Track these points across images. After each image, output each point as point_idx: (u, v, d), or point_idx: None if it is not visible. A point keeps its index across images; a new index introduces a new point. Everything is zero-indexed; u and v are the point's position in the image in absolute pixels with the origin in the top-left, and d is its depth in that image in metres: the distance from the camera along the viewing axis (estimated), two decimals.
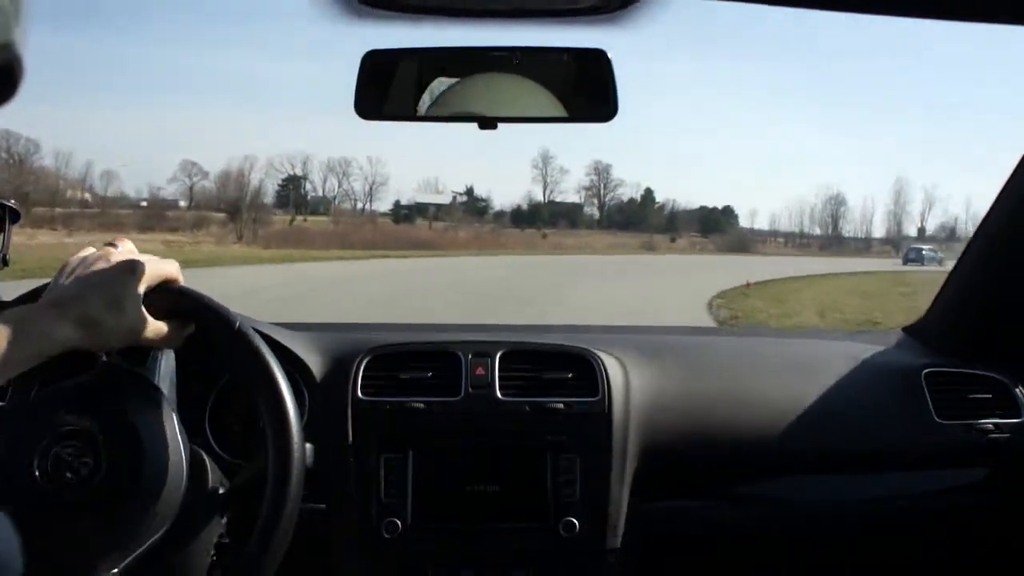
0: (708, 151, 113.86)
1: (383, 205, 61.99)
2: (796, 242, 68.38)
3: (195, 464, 0.90)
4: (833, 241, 67.61)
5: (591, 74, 0.99)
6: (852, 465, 1.32)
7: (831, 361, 1.40)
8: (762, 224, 75.27)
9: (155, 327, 0.84)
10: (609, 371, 1.27)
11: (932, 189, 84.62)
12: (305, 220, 51.14)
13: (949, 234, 73.14)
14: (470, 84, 1.02)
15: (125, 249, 0.86)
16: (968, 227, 76.72)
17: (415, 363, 1.28)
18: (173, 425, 0.88)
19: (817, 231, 71.52)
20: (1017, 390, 1.35)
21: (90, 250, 0.87)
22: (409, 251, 34.88)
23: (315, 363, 1.25)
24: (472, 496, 1.22)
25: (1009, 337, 1.41)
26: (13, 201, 1.27)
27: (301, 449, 0.90)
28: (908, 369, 1.35)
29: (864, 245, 65.88)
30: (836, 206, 72.01)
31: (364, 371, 1.25)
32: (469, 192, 64.34)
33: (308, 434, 0.94)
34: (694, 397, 1.30)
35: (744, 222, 72.54)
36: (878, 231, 73.18)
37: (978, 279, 1.44)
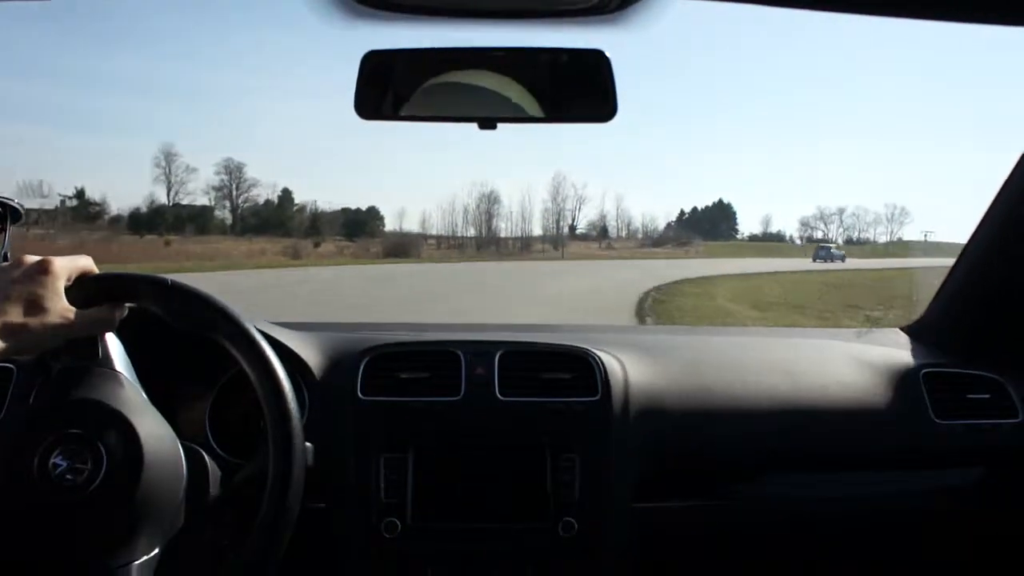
0: (347, 149, 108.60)
1: None
2: (449, 243, 63.01)
3: (192, 459, 0.90)
4: (490, 241, 62.95)
5: (590, 74, 0.99)
6: (851, 465, 1.32)
7: (830, 361, 1.40)
8: (412, 225, 69.06)
9: (84, 317, 0.86)
10: (608, 371, 1.27)
11: (582, 188, 78.51)
12: None
13: (601, 232, 72.83)
14: (470, 85, 1.02)
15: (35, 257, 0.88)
16: (617, 224, 76.15)
17: (415, 363, 1.28)
18: (150, 408, 0.90)
19: (472, 232, 66.07)
20: (1014, 391, 1.35)
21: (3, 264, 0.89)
22: None
23: (315, 362, 1.25)
24: (472, 496, 1.22)
25: (1007, 337, 1.41)
26: (15, 200, 1.27)
27: (302, 449, 0.91)
28: (906, 369, 1.35)
29: (524, 244, 62.25)
30: (491, 204, 66.77)
31: (364, 370, 1.26)
32: (79, 195, 55.33)
33: (308, 433, 0.94)
34: (693, 396, 1.30)
35: (392, 224, 66.68)
36: (537, 229, 68.65)
37: (976, 279, 1.44)
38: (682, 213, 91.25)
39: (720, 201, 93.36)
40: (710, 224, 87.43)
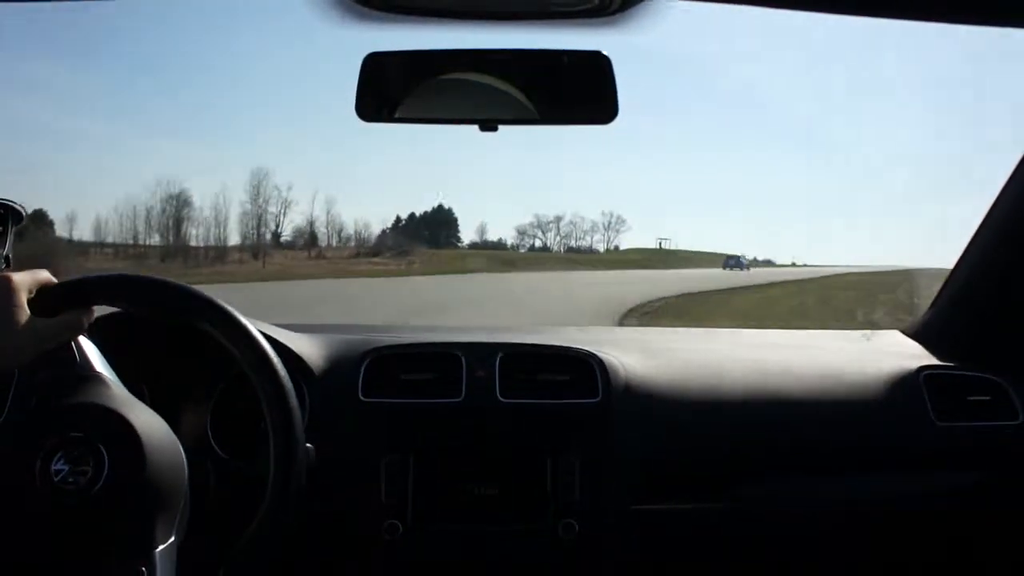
0: None
1: None
2: (129, 252, 55.38)
3: (191, 456, 0.91)
4: (178, 251, 54.95)
5: (591, 76, 0.99)
6: (852, 466, 1.32)
7: (831, 362, 1.40)
8: (85, 234, 60.64)
9: (52, 326, 0.86)
10: (609, 372, 1.27)
11: (287, 191, 69.95)
12: None
13: (309, 239, 66.37)
14: (470, 86, 1.02)
15: None
16: (327, 231, 69.38)
17: (416, 364, 1.28)
18: (139, 402, 0.90)
19: (157, 239, 58.04)
20: (1015, 393, 1.35)
21: None
22: None
23: (316, 363, 1.25)
24: (472, 498, 1.22)
25: (1008, 339, 1.41)
26: (17, 202, 1.27)
27: (302, 450, 0.91)
28: (907, 371, 1.35)
29: (217, 254, 54.09)
30: (180, 207, 58.74)
31: (365, 372, 1.26)
32: None
33: (309, 434, 0.94)
34: (694, 398, 1.30)
35: (61, 230, 56.30)
36: (235, 236, 60.88)
37: (977, 280, 1.44)
38: (398, 219, 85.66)
39: (440, 207, 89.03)
40: (430, 231, 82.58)
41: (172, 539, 0.85)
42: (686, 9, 0.74)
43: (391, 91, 1.04)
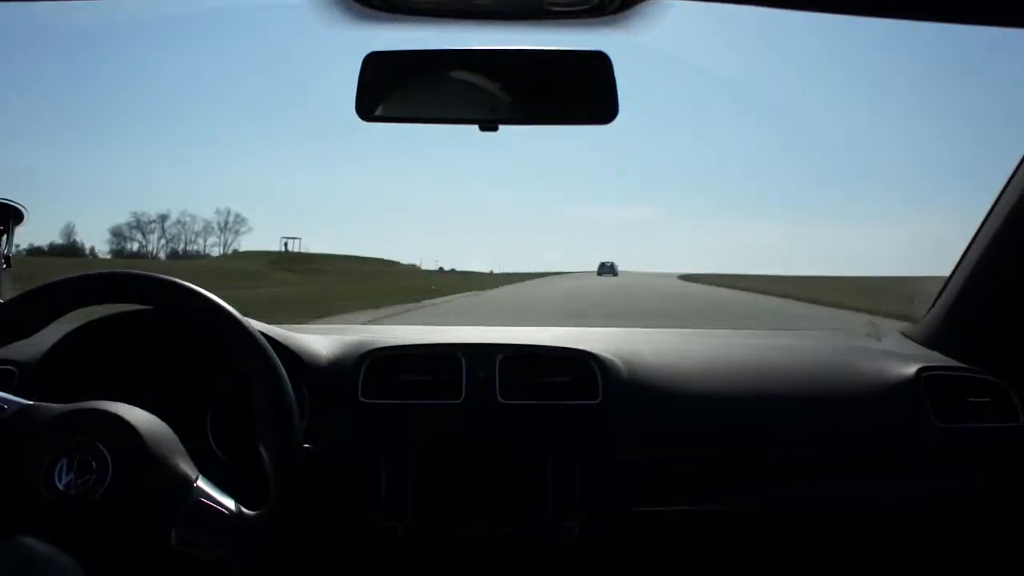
0: None
1: None
2: None
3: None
4: None
5: (592, 76, 0.99)
6: (851, 467, 1.32)
7: (831, 363, 1.40)
8: None
9: None
10: (609, 374, 1.27)
11: None
12: None
13: None
14: (471, 86, 1.02)
15: None
16: None
17: (416, 366, 1.28)
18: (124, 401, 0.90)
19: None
20: (1015, 394, 1.34)
21: None
22: None
23: (316, 365, 1.25)
24: (472, 499, 1.22)
25: (1009, 340, 1.41)
26: (17, 202, 1.27)
27: (300, 451, 0.91)
28: (907, 372, 1.35)
29: None
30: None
31: (365, 373, 1.25)
32: None
33: (309, 436, 0.94)
34: (694, 399, 1.30)
35: None
36: None
37: (978, 281, 1.44)
38: None
39: None
40: None
41: (198, 477, 0.86)
42: (686, 9, 0.74)
43: (391, 91, 1.04)
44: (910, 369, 1.35)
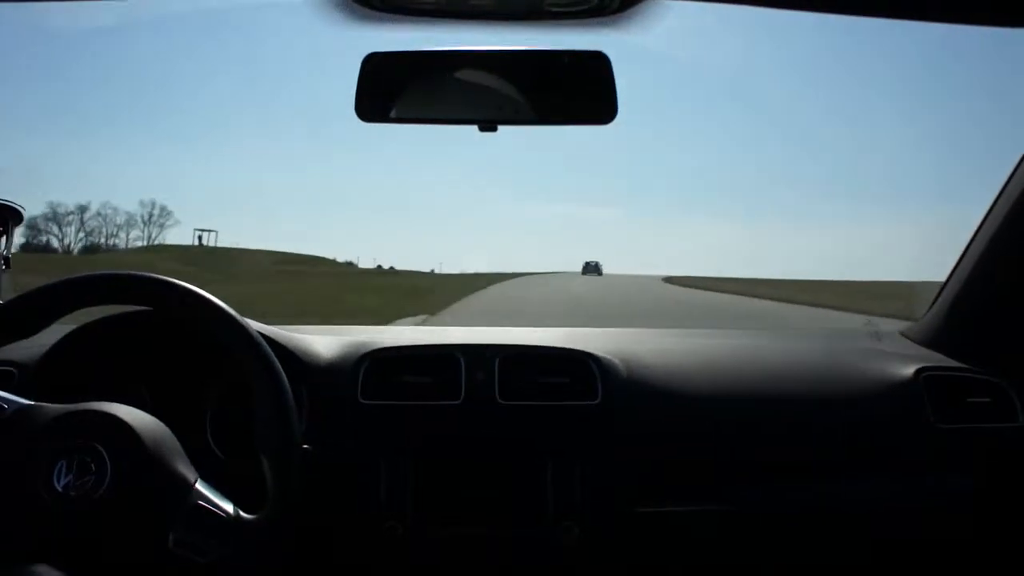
0: None
1: None
2: None
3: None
4: None
5: (591, 76, 0.99)
6: (851, 468, 1.31)
7: (831, 363, 1.40)
8: None
9: None
10: (609, 374, 1.27)
11: None
12: None
13: None
14: (470, 86, 1.02)
15: None
16: None
17: (415, 366, 1.28)
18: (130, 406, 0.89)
19: None
20: (1015, 394, 1.34)
21: None
22: None
23: (316, 365, 1.25)
24: (472, 500, 1.22)
25: (1009, 341, 1.41)
26: (16, 203, 1.27)
27: (299, 452, 0.91)
28: (906, 372, 1.35)
29: None
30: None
31: (365, 374, 1.25)
32: None
33: (308, 437, 0.94)
34: (694, 399, 1.30)
35: None
36: None
37: (978, 281, 1.44)
38: None
39: None
40: None
41: (196, 478, 0.86)
42: (685, 9, 0.74)
43: (390, 91, 1.04)
44: (909, 369, 1.35)
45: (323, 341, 1.31)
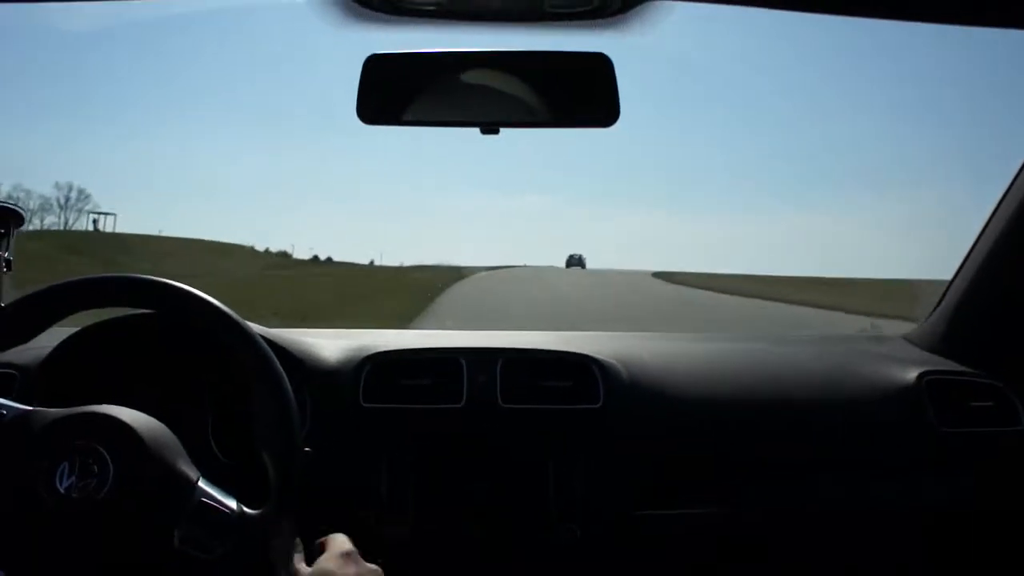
0: None
1: None
2: None
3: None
4: None
5: (593, 78, 0.99)
6: (853, 471, 1.31)
7: (832, 366, 1.40)
8: None
9: None
10: (610, 377, 1.27)
11: None
12: None
13: None
14: (472, 89, 1.02)
15: None
16: None
17: (417, 370, 1.28)
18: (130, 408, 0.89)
19: None
20: (1017, 398, 1.34)
21: None
22: None
23: (318, 368, 1.25)
24: (474, 503, 1.22)
25: (1011, 344, 1.41)
26: (17, 205, 1.27)
27: (301, 454, 0.91)
28: (908, 375, 1.35)
29: None
30: None
31: (367, 377, 1.25)
32: None
33: (310, 440, 0.94)
34: (695, 403, 1.29)
35: None
36: None
37: (980, 285, 1.44)
38: None
39: None
40: None
41: (199, 477, 0.85)
42: (685, 9, 0.74)
43: (392, 93, 1.04)
44: (911, 373, 1.35)
45: (325, 344, 1.31)
